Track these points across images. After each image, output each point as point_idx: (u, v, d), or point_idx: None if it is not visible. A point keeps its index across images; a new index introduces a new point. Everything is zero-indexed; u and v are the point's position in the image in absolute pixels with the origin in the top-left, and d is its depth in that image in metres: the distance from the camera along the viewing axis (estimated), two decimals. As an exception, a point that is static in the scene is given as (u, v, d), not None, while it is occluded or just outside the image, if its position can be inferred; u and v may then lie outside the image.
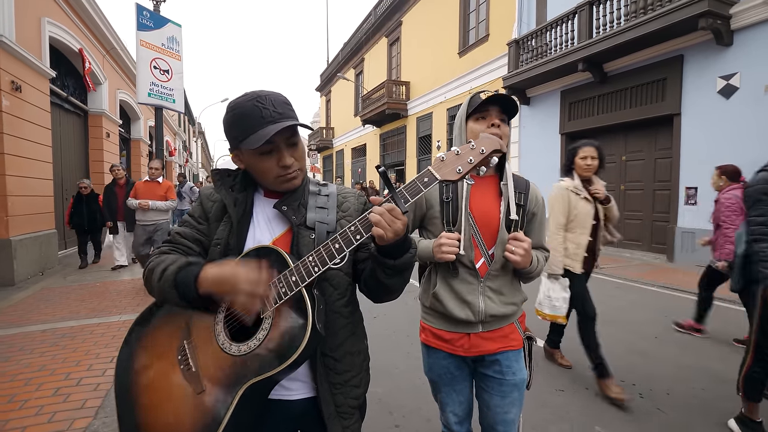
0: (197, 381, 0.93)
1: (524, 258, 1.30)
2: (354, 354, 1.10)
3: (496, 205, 1.40)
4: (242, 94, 1.00)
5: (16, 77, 6.04)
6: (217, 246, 1.03)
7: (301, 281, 0.89)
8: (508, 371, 1.41)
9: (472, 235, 1.37)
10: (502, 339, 1.41)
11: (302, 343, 0.86)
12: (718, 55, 6.83)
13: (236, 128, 0.98)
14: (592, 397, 2.80)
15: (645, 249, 8.47)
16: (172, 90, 7.53)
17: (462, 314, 1.37)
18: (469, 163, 0.90)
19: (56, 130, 7.90)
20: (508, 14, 11.39)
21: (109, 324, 4.05)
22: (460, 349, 1.41)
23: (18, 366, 3.09)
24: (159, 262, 1.00)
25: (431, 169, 0.91)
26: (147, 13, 7.09)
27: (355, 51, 22.68)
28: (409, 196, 0.90)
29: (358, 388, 1.10)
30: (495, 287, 1.39)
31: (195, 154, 39.17)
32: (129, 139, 13.83)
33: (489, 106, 1.38)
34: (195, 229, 1.08)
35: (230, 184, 1.08)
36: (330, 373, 1.04)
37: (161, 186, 5.62)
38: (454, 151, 0.92)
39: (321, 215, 1.06)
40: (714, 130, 6.96)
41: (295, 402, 1.03)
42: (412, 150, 16.85)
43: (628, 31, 7.37)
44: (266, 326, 0.91)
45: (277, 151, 0.98)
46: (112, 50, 10.66)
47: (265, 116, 0.95)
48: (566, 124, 9.88)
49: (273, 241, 1.04)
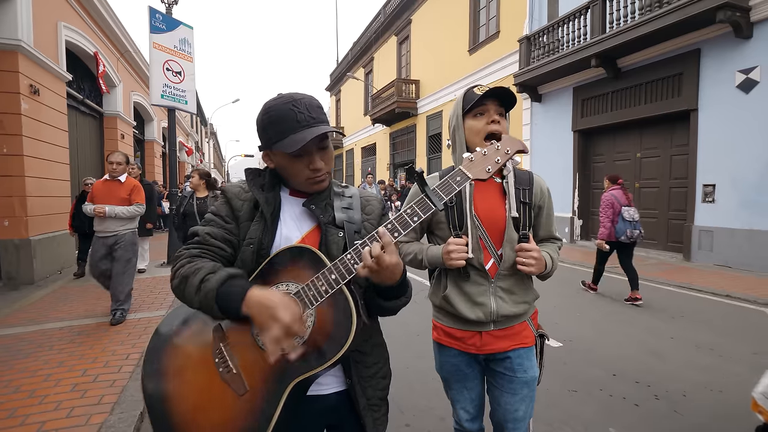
0: (239, 382, 0.91)
1: (537, 265, 1.31)
2: (378, 346, 1.14)
3: (500, 204, 1.39)
4: (277, 95, 1.03)
5: (34, 81, 6.18)
6: (250, 246, 1.02)
7: (341, 279, 0.90)
8: (519, 368, 1.40)
9: (480, 237, 1.36)
10: (513, 337, 1.40)
11: (349, 338, 0.88)
12: (737, 48, 6.66)
13: (271, 130, 0.99)
14: (606, 398, 2.75)
15: (661, 248, 8.31)
16: (185, 91, 7.62)
17: (473, 316, 1.36)
18: (497, 162, 0.95)
19: (73, 132, 8.07)
20: (519, 10, 11.27)
21: (125, 322, 4.13)
22: (472, 347, 1.41)
23: (37, 362, 3.16)
24: (195, 269, 0.95)
25: (463, 168, 0.94)
26: (159, 15, 7.19)
27: (364, 50, 22.69)
28: (444, 194, 0.92)
29: (385, 379, 1.15)
30: (506, 287, 1.38)
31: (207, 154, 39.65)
32: (143, 141, 14.07)
33: (486, 101, 1.36)
34: (224, 229, 1.05)
35: (261, 183, 1.09)
36: (359, 366, 1.07)
37: (123, 186, 4.32)
38: (481, 152, 0.96)
39: (348, 215, 1.09)
40: (733, 126, 6.79)
41: (327, 396, 1.05)
42: (422, 149, 16.80)
43: (643, 25, 7.22)
44: (309, 323, 0.92)
45: (308, 155, 1.00)
46: (126, 53, 10.85)
47: (300, 120, 0.97)
48: (579, 121, 9.74)
49: (302, 238, 1.05)
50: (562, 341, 3.75)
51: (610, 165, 9.43)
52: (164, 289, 5.45)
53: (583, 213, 10.07)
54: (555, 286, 5.81)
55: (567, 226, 10.21)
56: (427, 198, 0.91)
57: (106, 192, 4.28)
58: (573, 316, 4.52)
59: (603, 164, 9.63)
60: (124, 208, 4.23)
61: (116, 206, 4.19)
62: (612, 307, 4.88)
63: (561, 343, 3.73)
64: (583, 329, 4.12)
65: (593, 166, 9.91)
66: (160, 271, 6.77)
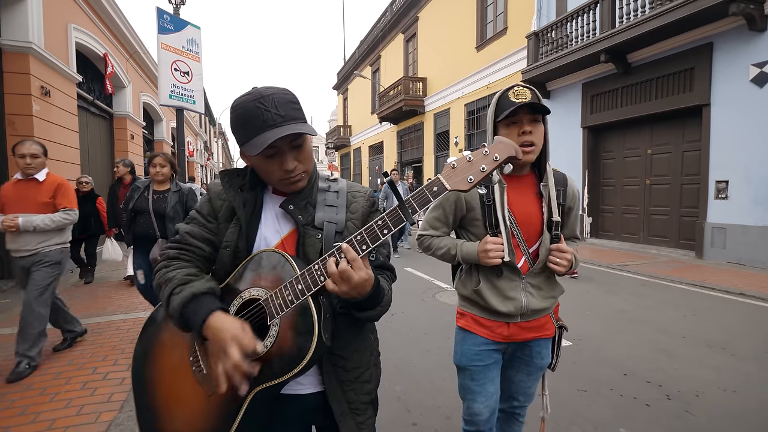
0: (209, 383, 0.93)
1: (567, 266, 1.39)
2: (361, 351, 1.09)
3: (536, 205, 1.42)
4: (247, 91, 0.96)
5: (45, 82, 6.27)
6: (227, 248, 1.01)
7: (307, 290, 0.88)
8: (537, 356, 1.52)
9: (513, 236, 1.40)
10: (538, 328, 1.49)
11: (308, 354, 0.86)
12: (751, 41, 6.51)
13: (238, 130, 0.94)
14: (616, 397, 2.71)
15: (672, 245, 8.19)
16: (192, 91, 7.65)
17: (504, 309, 1.41)
18: (482, 171, 0.86)
19: (83, 133, 8.17)
20: (526, 6, 11.15)
21: (134, 320, 4.17)
22: (498, 336, 1.46)
23: (49, 360, 3.21)
24: (167, 279, 0.97)
25: (441, 177, 0.88)
26: (167, 16, 7.23)
27: (371, 48, 22.65)
28: (417, 206, 0.87)
29: (369, 383, 1.10)
30: (535, 283, 1.44)
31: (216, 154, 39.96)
32: (152, 141, 14.22)
33: (518, 110, 1.35)
34: (204, 228, 1.04)
35: (239, 184, 1.05)
36: (339, 370, 1.04)
37: (43, 187, 3.14)
38: (466, 158, 0.87)
39: (330, 214, 1.03)
40: (746, 121, 6.65)
41: (306, 396, 1.04)
42: (429, 147, 16.74)
43: (654, 19, 7.10)
44: (273, 333, 0.90)
45: (280, 155, 0.95)
46: (135, 54, 10.95)
47: (267, 120, 0.90)
48: (588, 117, 9.63)
49: (281, 240, 1.02)
50: (571, 340, 3.71)
51: (620, 162, 9.32)
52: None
53: (592, 210, 9.96)
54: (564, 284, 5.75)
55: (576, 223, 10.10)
56: (400, 210, 0.87)
57: (19, 196, 3.09)
58: (583, 315, 4.47)
59: (613, 161, 9.51)
60: (45, 217, 3.05)
61: (33, 215, 3.03)
62: (623, 305, 4.82)
63: (570, 342, 3.68)
64: (593, 328, 4.07)
65: (603, 162, 9.79)
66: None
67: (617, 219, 9.49)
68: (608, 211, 9.75)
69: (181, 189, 3.61)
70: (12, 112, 5.81)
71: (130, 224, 3.62)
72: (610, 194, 9.64)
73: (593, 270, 6.85)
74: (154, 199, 3.56)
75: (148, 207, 3.52)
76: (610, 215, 9.68)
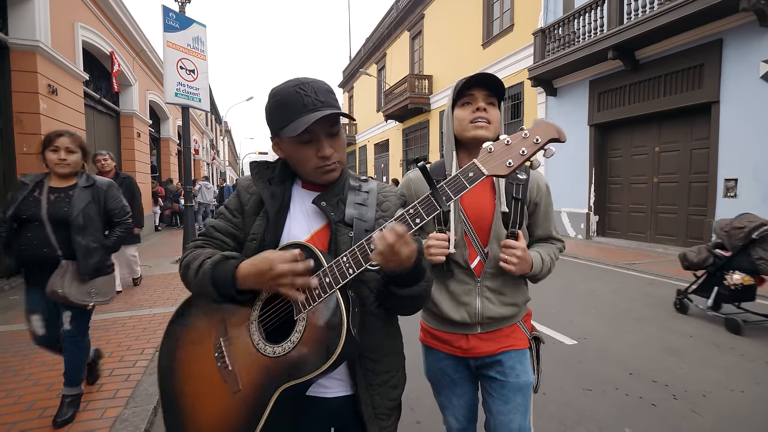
0: (234, 380, 0.91)
1: (520, 264, 1.21)
2: (391, 355, 1.07)
3: (490, 198, 1.30)
4: (285, 81, 0.98)
5: (52, 81, 6.32)
6: (253, 241, 1.00)
7: (335, 283, 0.86)
8: (511, 372, 1.31)
9: (465, 233, 1.28)
10: (502, 339, 1.33)
11: (337, 349, 0.83)
12: (762, 37, 6.41)
13: (277, 115, 0.95)
14: (622, 397, 2.69)
15: (680, 244, 8.10)
16: (198, 89, 7.68)
17: (457, 316, 1.29)
18: (521, 155, 0.81)
19: (90, 131, 8.24)
20: (533, 3, 11.06)
21: (140, 317, 4.20)
22: (458, 349, 1.34)
23: (56, 357, 3.22)
24: (195, 256, 0.98)
25: (477, 162, 0.82)
26: (173, 14, 7.25)
27: (377, 46, 22.61)
28: (452, 192, 0.81)
29: (396, 389, 1.07)
30: (494, 287, 1.30)
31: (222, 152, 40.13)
32: (159, 139, 14.31)
33: (473, 90, 1.28)
34: (230, 223, 1.05)
35: (268, 176, 1.05)
36: (368, 374, 1.01)
37: None
38: (504, 141, 0.82)
39: (360, 212, 1.01)
40: (756, 118, 6.55)
41: (331, 399, 1.01)
42: (435, 145, 16.69)
43: (662, 15, 7.01)
44: (300, 329, 0.88)
45: (316, 141, 0.95)
46: (142, 52, 11.01)
47: (307, 104, 0.91)
48: (595, 114, 9.54)
49: (311, 235, 1.01)
50: (576, 339, 3.69)
51: (627, 159, 9.23)
52: (179, 286, 5.53)
53: (599, 209, 9.88)
54: (570, 283, 5.72)
55: (583, 222, 10.04)
56: (433, 197, 0.82)
57: None
58: (588, 314, 4.43)
59: (620, 159, 9.43)
60: None
61: None
62: (629, 304, 4.78)
63: (575, 340, 3.66)
64: (598, 327, 4.04)
65: (610, 160, 9.71)
66: (175, 267, 6.88)
67: (624, 217, 9.41)
68: (615, 210, 9.67)
69: (96, 184, 2.43)
70: (19, 110, 5.86)
71: (10, 242, 2.25)
72: (617, 192, 9.55)
73: (600, 269, 6.80)
74: (51, 200, 2.30)
75: (39, 212, 2.24)
76: (617, 213, 9.60)
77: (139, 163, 10.88)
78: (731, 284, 3.89)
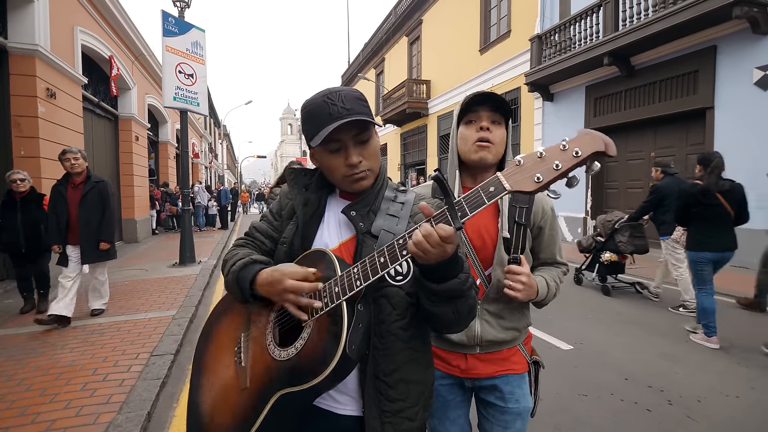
0: (244, 377, 0.93)
1: (525, 290, 1.17)
2: (411, 383, 0.98)
3: (493, 221, 1.26)
4: (317, 92, 0.98)
5: (50, 84, 6.32)
6: (284, 245, 1.02)
7: (342, 294, 0.84)
8: (511, 398, 1.28)
9: (467, 256, 1.24)
10: (501, 362, 1.29)
11: (332, 363, 0.80)
12: (755, 44, 6.47)
13: (307, 126, 0.96)
14: (617, 402, 2.69)
15: (676, 249, 8.14)
16: (197, 93, 7.71)
17: (455, 337, 1.26)
18: (555, 169, 0.70)
19: (88, 135, 8.23)
20: (530, 9, 11.15)
21: (135, 321, 4.18)
22: (456, 369, 1.30)
23: (50, 361, 3.22)
24: (232, 255, 1.04)
25: (501, 176, 0.73)
26: (172, 19, 7.29)
27: (375, 51, 22.72)
28: (469, 209, 0.74)
29: (412, 421, 0.97)
30: (494, 311, 1.27)
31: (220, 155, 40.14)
32: (157, 142, 14.30)
33: (478, 107, 1.25)
34: (270, 225, 1.10)
35: (305, 183, 1.07)
36: (381, 398, 0.94)
37: None
38: (537, 153, 0.73)
39: (389, 223, 0.97)
40: (750, 124, 6.61)
41: (341, 416, 0.96)
42: (432, 149, 16.74)
43: (657, 22, 7.08)
44: (305, 336, 0.87)
45: (344, 149, 0.94)
46: (141, 56, 11.03)
47: (333, 113, 0.91)
48: (592, 120, 9.60)
49: (339, 245, 1.00)
50: (572, 344, 3.69)
51: (623, 165, 9.28)
52: (175, 290, 5.52)
53: (595, 213, 9.89)
54: (566, 289, 5.72)
55: (579, 226, 10.07)
56: (448, 213, 0.75)
57: None
58: (585, 319, 4.44)
59: (616, 164, 9.47)
60: None
61: None
62: (625, 309, 4.79)
63: (571, 345, 3.66)
64: (594, 332, 4.05)
65: (606, 165, 9.75)
66: (171, 271, 6.86)
67: (621, 222, 9.43)
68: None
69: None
70: (18, 113, 5.86)
71: None
72: (614, 197, 9.59)
73: (596, 273, 6.80)
74: None
75: None
76: (614, 218, 9.63)
77: (137, 166, 10.87)
78: (604, 261, 5.50)
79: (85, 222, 4.07)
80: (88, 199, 4.12)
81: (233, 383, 0.95)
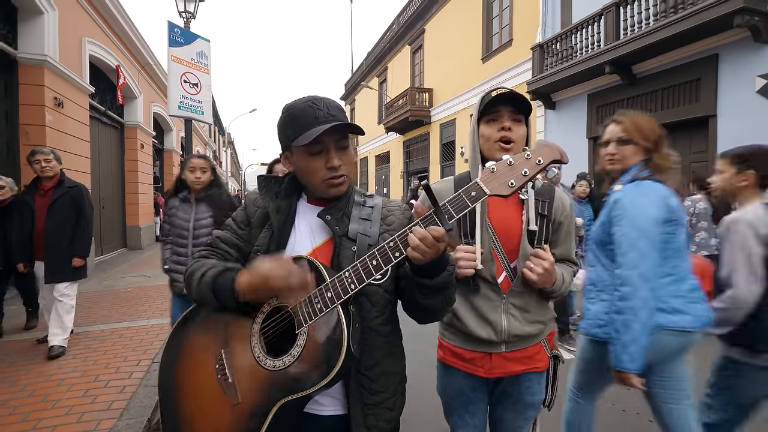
0: (234, 392, 0.92)
1: (543, 277, 1.20)
2: (390, 374, 1.04)
3: (517, 214, 1.29)
4: (298, 98, 1.03)
5: (58, 94, 6.44)
6: (257, 253, 1.02)
7: (337, 298, 0.86)
8: (527, 392, 1.33)
9: (493, 248, 1.27)
10: (527, 360, 1.31)
11: (336, 365, 0.82)
12: (757, 53, 6.49)
13: (289, 127, 0.99)
14: (618, 412, 2.68)
15: (680, 257, 8.09)
16: (201, 102, 7.79)
17: (483, 333, 1.27)
18: (524, 175, 0.81)
19: (94, 143, 8.34)
20: (532, 18, 11.24)
21: (138, 328, 4.21)
22: (480, 369, 1.31)
23: (52, 367, 3.24)
24: (198, 266, 1.01)
25: (480, 182, 0.83)
26: (178, 29, 7.40)
27: (378, 59, 22.91)
28: (454, 212, 0.83)
29: (392, 411, 1.04)
30: (519, 304, 1.28)
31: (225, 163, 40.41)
32: (162, 150, 14.44)
33: (500, 106, 1.28)
34: (235, 234, 1.08)
35: (275, 190, 1.08)
36: (363, 392, 0.99)
37: None
38: (507, 162, 0.83)
39: (364, 227, 1.02)
40: (753, 132, 6.57)
41: (325, 417, 1.00)
42: (435, 157, 16.78)
43: (658, 31, 7.11)
44: (301, 343, 0.88)
45: (326, 152, 0.98)
46: (147, 66, 11.20)
47: (319, 117, 0.95)
48: (593, 128, 9.60)
49: (313, 249, 1.02)
50: (574, 352, 3.67)
51: (626, 172, 9.27)
52: (178, 296, 5.54)
53: (599, 221, 9.88)
54: (568, 296, 5.69)
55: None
56: (436, 216, 0.83)
57: None
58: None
59: (619, 172, 9.47)
60: None
61: None
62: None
63: (574, 354, 3.64)
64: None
65: (609, 173, 9.74)
66: (174, 278, 6.88)
67: (624, 230, 9.40)
68: (615, 222, 9.66)
69: None
70: (26, 122, 5.96)
71: None
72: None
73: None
74: None
75: None
76: (617, 226, 9.60)
77: (142, 173, 10.99)
78: None
79: (53, 233, 3.43)
80: (57, 206, 3.50)
81: (221, 401, 0.93)
